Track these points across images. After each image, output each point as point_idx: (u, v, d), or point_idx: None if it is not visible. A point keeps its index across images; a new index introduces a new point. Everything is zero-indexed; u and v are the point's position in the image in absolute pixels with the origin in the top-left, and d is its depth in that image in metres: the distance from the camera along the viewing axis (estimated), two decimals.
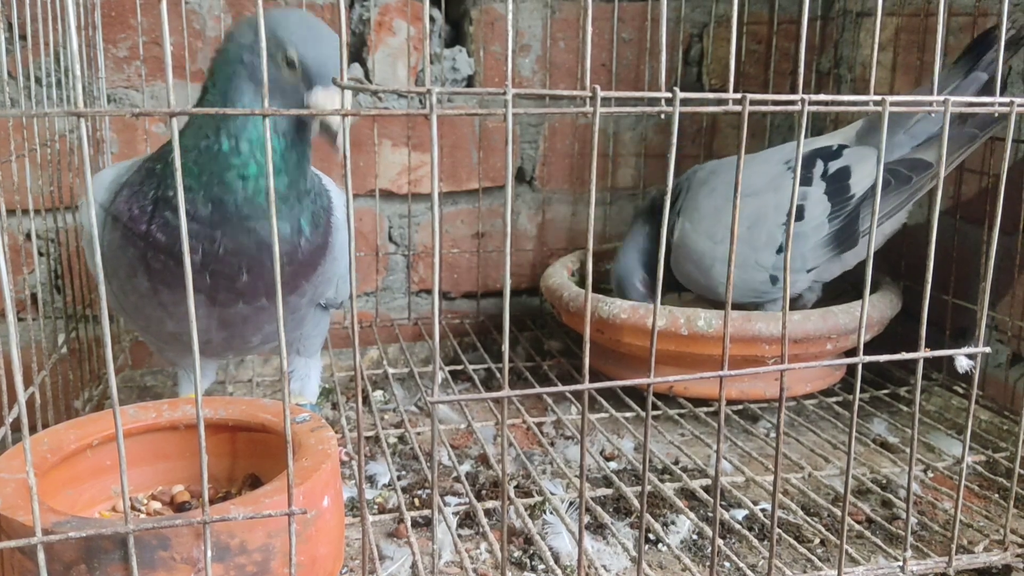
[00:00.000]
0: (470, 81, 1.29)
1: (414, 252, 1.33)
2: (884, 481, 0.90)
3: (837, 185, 1.04)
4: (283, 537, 0.57)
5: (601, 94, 0.53)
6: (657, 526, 0.80)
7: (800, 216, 1.03)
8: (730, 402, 1.07)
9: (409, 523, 0.78)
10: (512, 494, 0.85)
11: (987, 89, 0.99)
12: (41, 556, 0.51)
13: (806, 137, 1.35)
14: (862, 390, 1.12)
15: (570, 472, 0.90)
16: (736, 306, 1.11)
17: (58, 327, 0.96)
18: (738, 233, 1.03)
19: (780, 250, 1.04)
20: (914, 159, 1.02)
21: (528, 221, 1.38)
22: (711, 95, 0.57)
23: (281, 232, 0.74)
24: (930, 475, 0.92)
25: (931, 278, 0.65)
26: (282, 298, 0.78)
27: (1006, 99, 0.64)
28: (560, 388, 0.66)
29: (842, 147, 1.07)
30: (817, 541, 0.80)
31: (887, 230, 1.08)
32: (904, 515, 0.77)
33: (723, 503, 0.86)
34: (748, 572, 0.72)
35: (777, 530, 0.77)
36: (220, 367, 1.16)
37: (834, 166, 1.05)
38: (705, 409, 1.07)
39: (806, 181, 1.05)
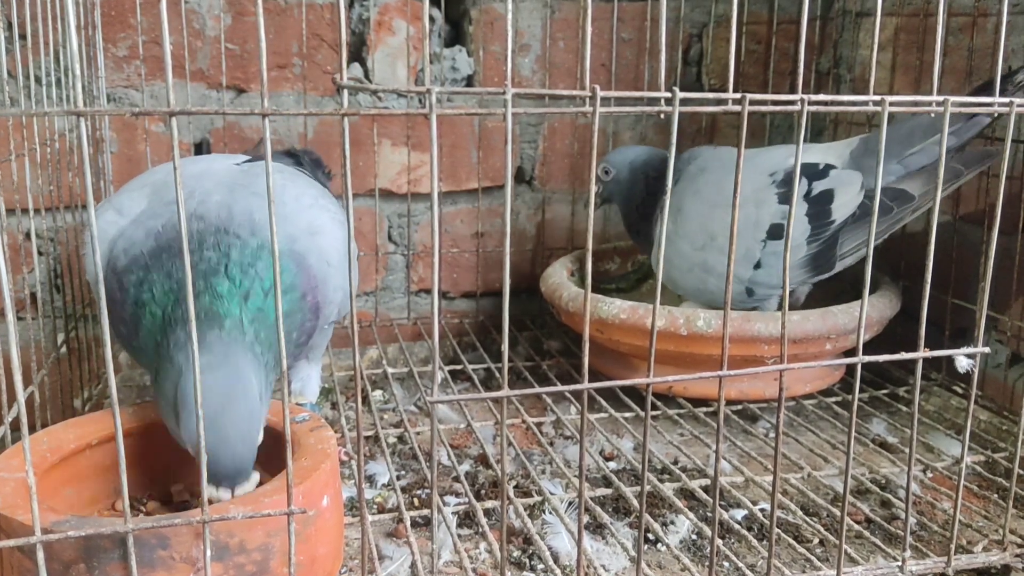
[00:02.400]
0: (470, 81, 1.29)
1: (413, 252, 1.33)
2: (883, 481, 0.90)
3: (819, 208, 1.03)
4: (282, 536, 0.57)
5: (600, 94, 0.53)
6: (656, 526, 0.80)
7: (779, 235, 1.03)
8: (729, 402, 1.07)
9: (408, 523, 0.78)
10: (511, 494, 0.85)
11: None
12: (40, 555, 0.51)
13: (805, 139, 1.35)
14: (861, 390, 1.12)
15: (569, 472, 0.90)
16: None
17: (57, 326, 0.96)
18: (719, 243, 1.04)
19: (758, 266, 1.04)
20: (898, 189, 1.01)
21: (527, 221, 1.38)
22: (710, 95, 0.57)
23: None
24: (929, 475, 0.92)
25: (930, 278, 0.65)
26: (302, 356, 0.78)
27: (1005, 99, 0.64)
28: (559, 388, 0.66)
29: (829, 167, 1.05)
30: (816, 541, 0.80)
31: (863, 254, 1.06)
32: (903, 515, 0.77)
33: (722, 503, 0.86)
34: (747, 572, 0.72)
35: (776, 530, 0.77)
36: None
37: (818, 187, 1.03)
38: (704, 409, 1.07)
39: (788, 199, 1.03)
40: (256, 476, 0.66)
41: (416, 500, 0.86)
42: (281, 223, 0.74)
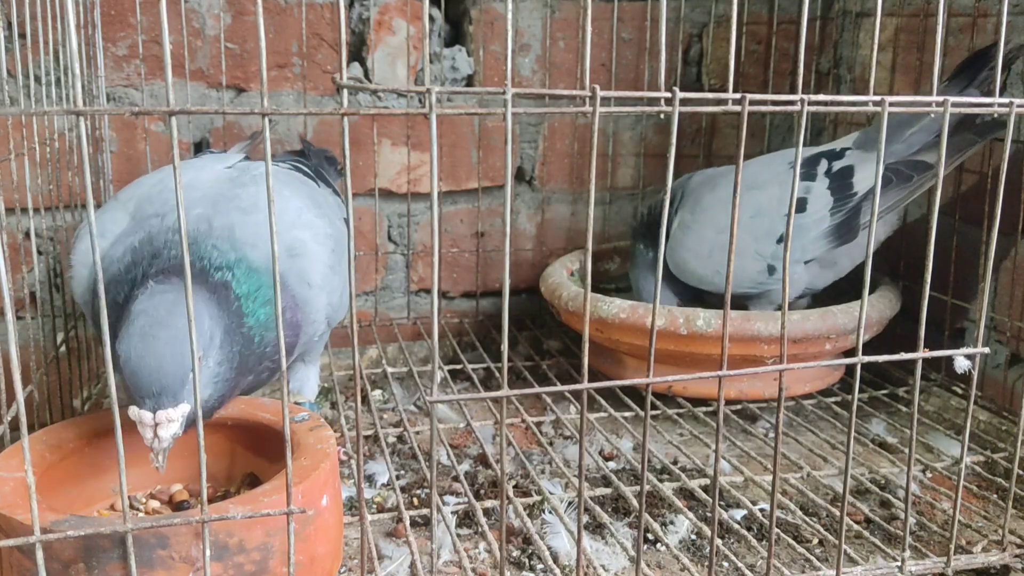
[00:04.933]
0: (470, 80, 1.29)
1: (413, 251, 1.33)
2: (883, 481, 0.90)
3: (840, 182, 1.07)
4: (282, 536, 0.57)
5: (600, 94, 0.53)
6: (656, 526, 0.80)
7: (802, 208, 1.06)
8: (729, 402, 1.07)
9: (408, 522, 0.78)
10: (511, 494, 0.85)
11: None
12: (39, 555, 0.51)
13: (805, 140, 1.36)
14: (861, 390, 1.11)
15: (569, 472, 0.90)
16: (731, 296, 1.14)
17: (57, 326, 0.96)
18: (742, 222, 1.05)
19: (780, 240, 1.06)
20: (915, 160, 1.05)
21: (528, 221, 1.38)
22: (710, 95, 0.57)
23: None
24: (929, 475, 0.92)
25: (930, 278, 0.65)
26: (262, 378, 0.76)
27: (1005, 99, 0.64)
28: (559, 388, 0.66)
29: (845, 149, 1.10)
30: (816, 541, 0.80)
31: (880, 235, 1.10)
32: (903, 515, 0.77)
33: (722, 503, 0.86)
34: (747, 572, 0.72)
35: (776, 530, 0.77)
36: None
37: (837, 165, 1.08)
38: (704, 409, 1.07)
39: (810, 177, 1.08)
40: (186, 407, 0.62)
41: (415, 500, 0.86)
42: (261, 241, 0.73)
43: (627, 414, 1.05)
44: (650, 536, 0.80)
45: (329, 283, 0.80)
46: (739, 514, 0.83)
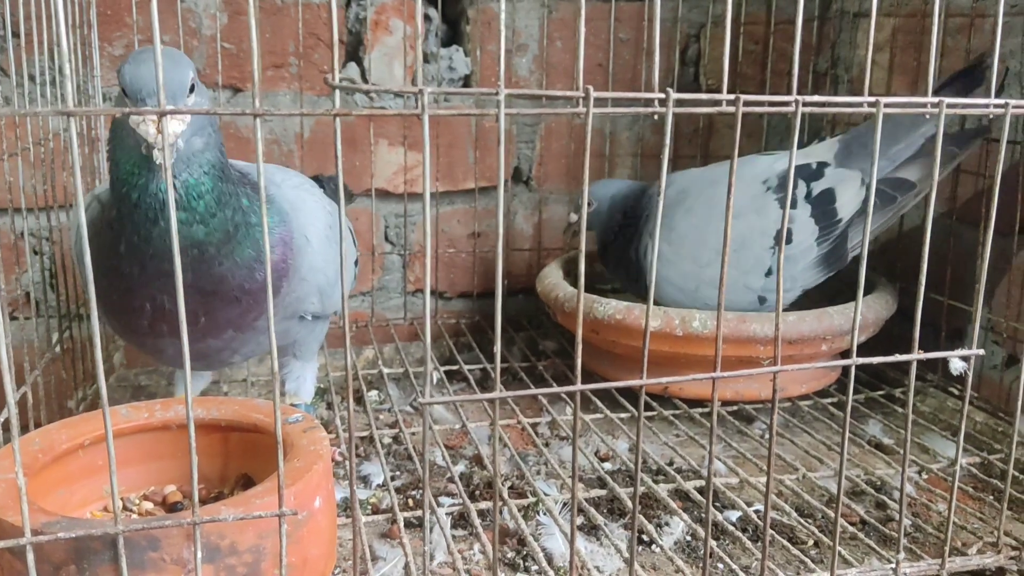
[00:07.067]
0: (467, 81, 1.29)
1: (410, 252, 1.32)
2: (878, 483, 0.90)
3: (823, 208, 1.04)
4: (274, 538, 0.57)
5: (595, 94, 0.53)
6: (650, 527, 0.80)
7: (788, 239, 1.03)
8: (725, 403, 1.07)
9: (402, 524, 0.78)
10: (505, 495, 0.85)
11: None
12: (30, 557, 0.51)
13: (802, 140, 1.36)
14: (857, 391, 1.12)
15: (564, 473, 0.90)
16: None
17: (52, 326, 0.96)
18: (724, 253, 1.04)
19: (769, 273, 1.04)
20: (896, 179, 1.03)
21: (524, 221, 1.38)
22: (705, 96, 0.57)
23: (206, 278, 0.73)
24: (924, 477, 0.92)
25: (926, 279, 0.65)
26: (249, 324, 0.78)
27: (1001, 100, 0.64)
28: (554, 389, 0.66)
29: (823, 165, 1.06)
30: (810, 543, 0.80)
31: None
32: (898, 517, 0.77)
33: (717, 504, 0.86)
34: (741, 574, 0.72)
35: (770, 531, 0.77)
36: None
37: (817, 187, 1.05)
38: (700, 410, 1.06)
39: (791, 204, 1.04)
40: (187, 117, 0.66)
41: (410, 501, 0.86)
42: (275, 188, 0.79)
43: (623, 415, 1.05)
44: (645, 537, 0.79)
45: (325, 252, 0.83)
46: (734, 515, 0.83)
